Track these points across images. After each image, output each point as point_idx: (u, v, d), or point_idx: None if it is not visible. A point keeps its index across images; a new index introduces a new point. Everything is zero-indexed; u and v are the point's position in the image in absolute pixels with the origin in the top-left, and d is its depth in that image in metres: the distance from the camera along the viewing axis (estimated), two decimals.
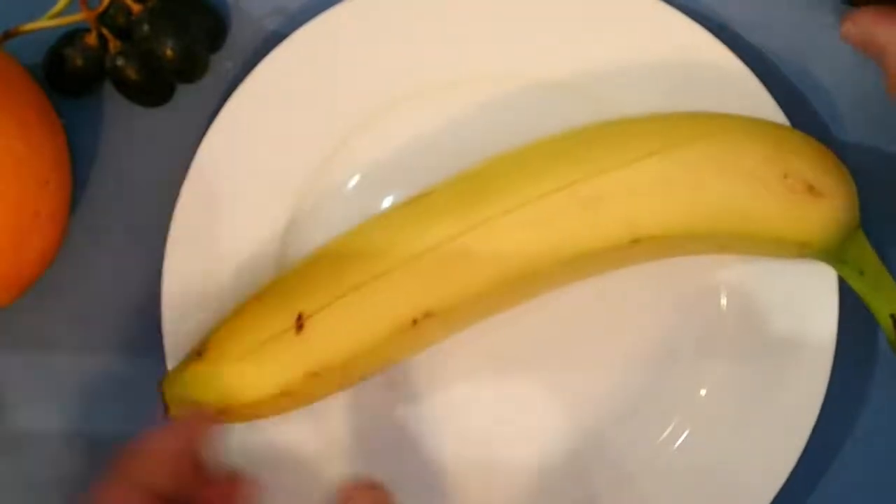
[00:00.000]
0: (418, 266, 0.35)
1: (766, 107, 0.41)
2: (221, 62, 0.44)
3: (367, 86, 0.42)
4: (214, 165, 0.42)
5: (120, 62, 0.42)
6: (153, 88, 0.43)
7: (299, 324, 0.35)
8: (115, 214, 0.44)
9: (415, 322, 0.35)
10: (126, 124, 0.44)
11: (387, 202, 0.42)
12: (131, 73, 0.42)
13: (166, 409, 0.38)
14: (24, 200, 0.38)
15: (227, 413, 0.36)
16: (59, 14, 0.42)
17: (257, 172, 0.42)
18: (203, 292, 0.42)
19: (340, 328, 0.35)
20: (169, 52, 0.41)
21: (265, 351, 0.36)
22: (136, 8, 0.42)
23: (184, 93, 0.44)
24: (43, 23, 0.42)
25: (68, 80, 0.43)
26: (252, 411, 0.37)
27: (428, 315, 0.35)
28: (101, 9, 0.42)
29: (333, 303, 0.35)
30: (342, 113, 0.42)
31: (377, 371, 0.38)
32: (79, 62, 0.42)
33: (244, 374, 0.36)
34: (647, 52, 0.42)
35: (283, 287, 0.38)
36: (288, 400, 0.36)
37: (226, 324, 0.38)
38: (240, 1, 0.44)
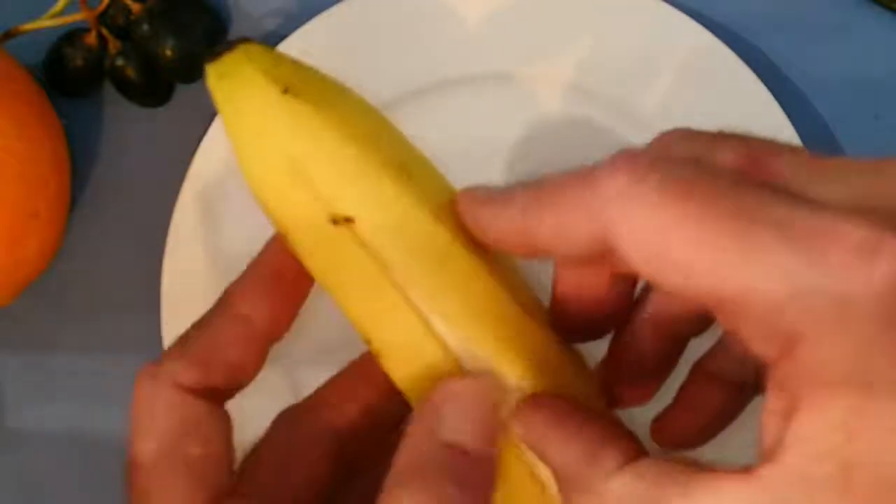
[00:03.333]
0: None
1: (766, 107, 0.41)
2: None
3: (366, 86, 0.42)
4: (214, 165, 0.42)
5: (120, 62, 0.42)
6: (153, 88, 0.43)
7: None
8: (115, 214, 0.44)
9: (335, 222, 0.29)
10: (126, 124, 0.44)
11: None
12: (131, 73, 0.42)
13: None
14: (24, 200, 0.38)
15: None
16: (59, 14, 0.42)
17: None
18: (203, 292, 0.41)
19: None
20: (169, 52, 0.41)
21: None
22: (135, 8, 0.42)
23: (184, 93, 0.44)
24: (43, 23, 0.42)
25: (68, 80, 0.43)
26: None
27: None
28: (100, 9, 0.42)
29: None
30: None
31: None
32: (79, 62, 0.42)
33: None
34: (647, 51, 0.42)
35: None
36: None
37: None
38: (240, 1, 0.44)
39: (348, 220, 0.28)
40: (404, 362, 0.29)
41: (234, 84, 0.30)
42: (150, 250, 0.42)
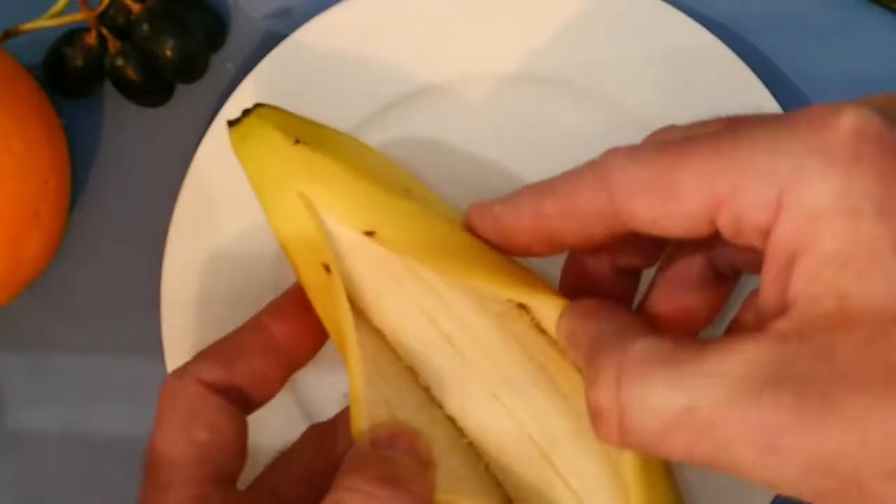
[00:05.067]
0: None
1: (767, 106, 0.41)
2: (221, 62, 0.44)
3: (367, 86, 0.42)
4: (214, 165, 0.42)
5: (120, 62, 0.42)
6: (153, 88, 0.43)
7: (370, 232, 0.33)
8: (115, 214, 0.44)
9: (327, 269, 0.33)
10: (126, 124, 0.44)
11: None
12: (131, 73, 0.42)
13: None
14: (24, 200, 0.38)
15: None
16: (59, 14, 0.42)
17: None
18: (203, 292, 0.42)
19: None
20: (169, 52, 0.41)
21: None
22: (135, 8, 0.42)
23: (184, 93, 0.44)
24: (43, 22, 0.42)
25: (68, 80, 0.43)
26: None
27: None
28: (100, 9, 0.42)
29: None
30: (342, 113, 0.42)
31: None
32: (79, 62, 0.42)
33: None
34: (647, 51, 0.42)
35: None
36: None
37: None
38: (240, 1, 0.44)
39: (369, 234, 0.33)
40: None
41: (254, 141, 0.35)
42: (150, 250, 0.42)
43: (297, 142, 0.34)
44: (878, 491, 0.22)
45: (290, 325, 0.34)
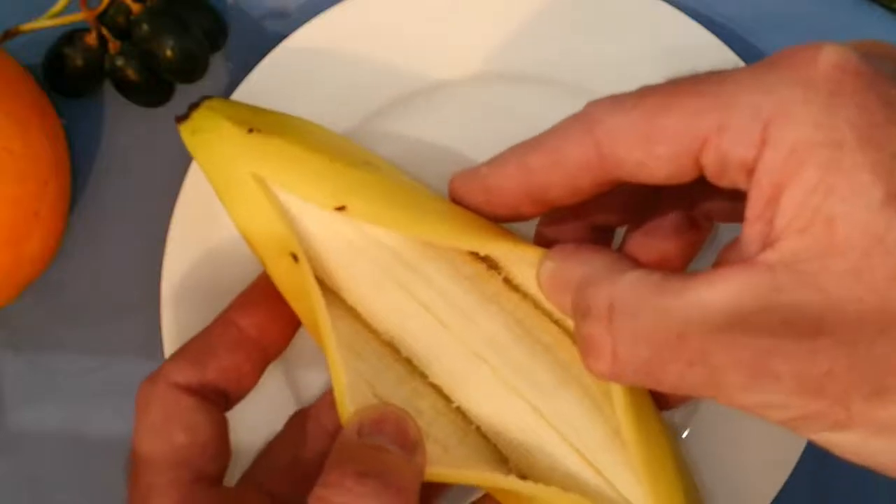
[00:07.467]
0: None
1: None
2: (221, 62, 0.44)
3: (367, 86, 0.42)
4: None
5: (120, 62, 0.42)
6: (153, 88, 0.43)
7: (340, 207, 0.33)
8: (115, 214, 0.44)
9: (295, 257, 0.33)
10: (126, 124, 0.44)
11: None
12: (131, 73, 0.42)
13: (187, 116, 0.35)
14: (24, 200, 0.38)
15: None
16: (59, 14, 0.42)
17: None
18: (203, 292, 0.41)
19: None
20: (169, 52, 0.41)
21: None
22: (135, 8, 0.42)
23: (184, 93, 0.44)
24: (43, 23, 0.42)
25: (68, 80, 0.43)
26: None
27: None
28: (100, 8, 0.42)
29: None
30: (342, 113, 0.42)
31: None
32: (79, 62, 0.42)
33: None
34: (646, 51, 0.42)
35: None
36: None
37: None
38: (240, 1, 0.44)
39: (340, 209, 0.32)
40: None
41: (206, 135, 0.34)
42: (150, 250, 0.42)
43: (250, 130, 0.33)
44: (862, 410, 0.23)
45: (257, 317, 0.35)
